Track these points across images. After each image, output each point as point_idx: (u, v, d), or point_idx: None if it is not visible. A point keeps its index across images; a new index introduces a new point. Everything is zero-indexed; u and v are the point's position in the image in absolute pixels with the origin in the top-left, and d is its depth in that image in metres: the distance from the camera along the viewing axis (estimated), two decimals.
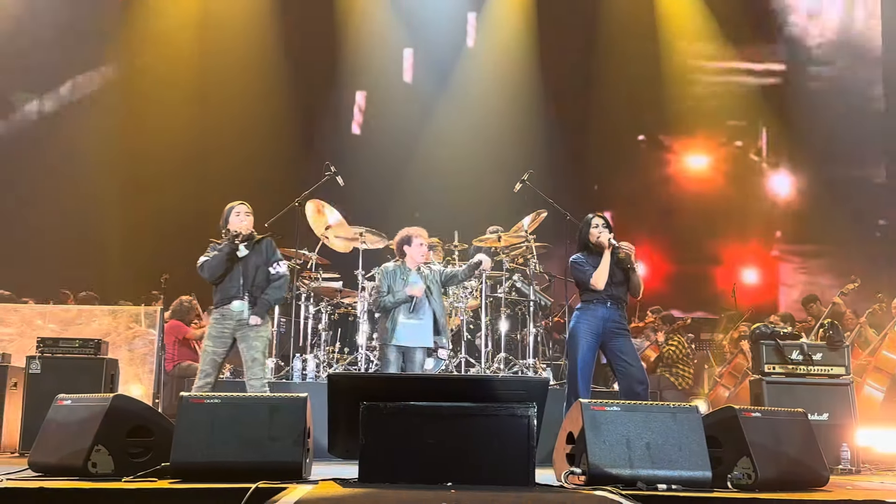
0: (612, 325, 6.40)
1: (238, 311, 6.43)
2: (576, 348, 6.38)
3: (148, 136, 12.69)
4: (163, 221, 11.95)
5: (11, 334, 8.71)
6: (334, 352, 8.67)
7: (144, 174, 12.39)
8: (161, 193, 12.32)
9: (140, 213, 12.03)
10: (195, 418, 4.58)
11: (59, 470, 4.68)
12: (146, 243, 11.51)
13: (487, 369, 8.24)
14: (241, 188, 11.16)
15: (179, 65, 13.03)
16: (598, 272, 6.39)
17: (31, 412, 7.06)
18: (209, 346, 6.42)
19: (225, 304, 6.46)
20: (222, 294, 6.49)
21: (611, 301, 6.43)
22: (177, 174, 12.48)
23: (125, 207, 12.00)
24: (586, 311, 6.44)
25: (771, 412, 5.07)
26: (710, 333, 11.55)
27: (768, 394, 6.80)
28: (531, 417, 4.49)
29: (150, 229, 11.82)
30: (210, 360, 6.39)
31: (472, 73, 13.70)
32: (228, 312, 6.45)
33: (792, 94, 13.52)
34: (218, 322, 6.45)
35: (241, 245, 6.48)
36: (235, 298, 6.44)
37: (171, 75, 12.99)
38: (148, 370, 8.57)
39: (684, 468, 4.48)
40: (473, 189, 12.27)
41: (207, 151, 12.86)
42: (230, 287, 6.47)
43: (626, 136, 14.03)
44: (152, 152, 12.62)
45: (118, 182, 12.12)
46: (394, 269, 7.19)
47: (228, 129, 12.93)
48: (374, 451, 4.44)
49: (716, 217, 13.40)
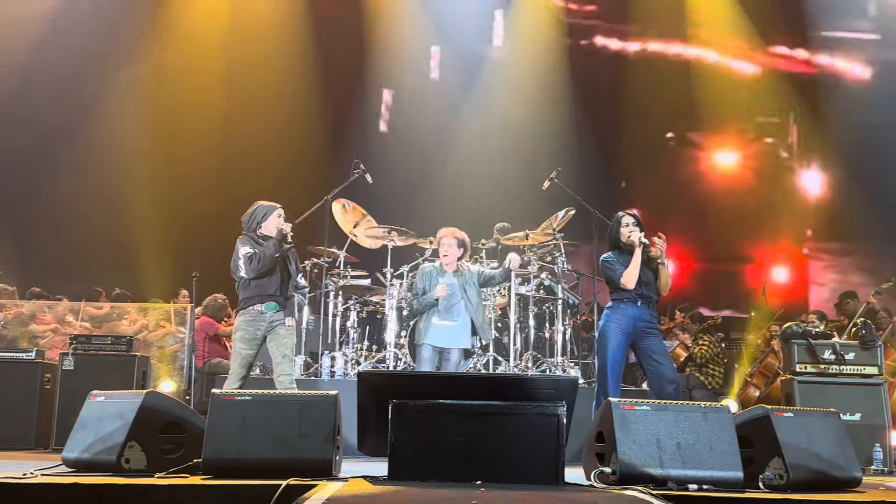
0: (642, 324, 6.37)
1: (273, 311, 6.44)
2: (606, 347, 6.36)
3: (178, 136, 12.78)
4: (193, 220, 12.03)
5: (45, 331, 8.83)
6: (362, 349, 8.70)
7: (175, 173, 12.46)
8: (191, 193, 12.40)
9: (170, 213, 12.11)
10: (226, 415, 4.62)
11: (93, 466, 4.73)
12: (177, 242, 11.59)
13: (515, 368, 8.24)
14: (269, 186, 11.24)
15: (208, 64, 13.10)
16: (629, 271, 6.36)
17: (64, 408, 7.17)
18: (243, 348, 6.42)
19: (258, 304, 6.44)
20: (259, 292, 6.44)
21: (641, 300, 6.40)
22: (207, 173, 12.57)
23: (156, 206, 12.07)
24: (616, 310, 6.41)
25: (803, 412, 5.03)
26: (740, 332, 11.45)
27: (800, 393, 6.75)
28: (560, 416, 4.48)
29: (180, 228, 11.91)
30: (244, 362, 6.42)
31: (499, 70, 13.67)
32: (262, 315, 6.43)
33: (823, 90, 13.37)
34: (249, 324, 6.43)
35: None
36: (272, 299, 6.46)
37: (199, 75, 13.05)
38: (178, 367, 8.66)
39: (715, 468, 4.45)
40: (501, 187, 12.24)
41: (236, 150, 12.94)
42: (268, 286, 6.46)
43: (654, 134, 13.93)
44: (182, 152, 12.71)
45: (149, 181, 12.20)
46: (430, 271, 7.22)
47: (257, 127, 12.99)
48: (403, 448, 4.45)
49: (745, 214, 13.28)
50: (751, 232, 13.32)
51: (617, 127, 13.35)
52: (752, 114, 13.83)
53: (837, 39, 13.55)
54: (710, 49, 13.66)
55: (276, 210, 6.61)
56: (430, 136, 13.23)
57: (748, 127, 13.91)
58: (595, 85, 13.49)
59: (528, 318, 8.72)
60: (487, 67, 13.78)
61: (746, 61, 13.75)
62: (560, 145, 12.58)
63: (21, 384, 7.56)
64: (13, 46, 12.17)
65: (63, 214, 12.08)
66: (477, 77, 13.69)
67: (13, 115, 12.41)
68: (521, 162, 12.34)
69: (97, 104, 12.95)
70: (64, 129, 12.92)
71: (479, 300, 7.25)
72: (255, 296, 6.45)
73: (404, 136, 13.46)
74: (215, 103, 13.02)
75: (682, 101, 13.47)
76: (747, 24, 13.36)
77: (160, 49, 13.07)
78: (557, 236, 8.70)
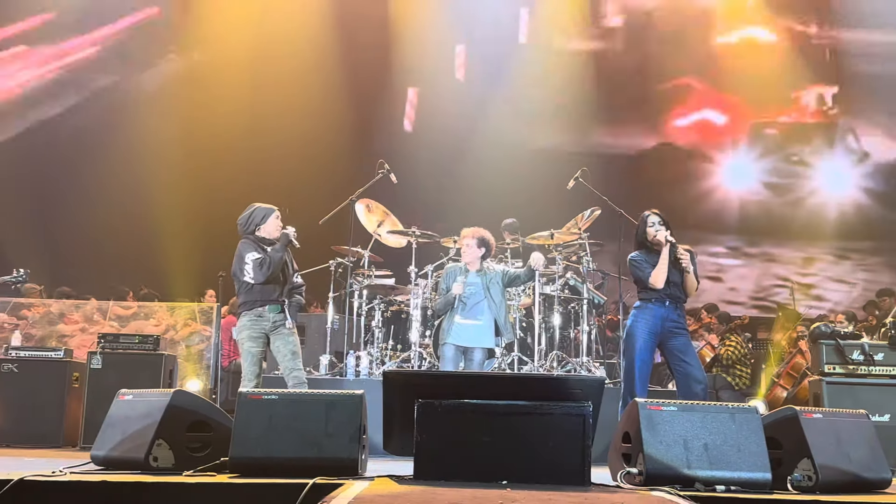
0: (670, 324, 6.33)
1: (276, 312, 6.47)
2: (633, 347, 6.32)
3: (204, 135, 12.87)
4: (218, 220, 12.09)
5: (73, 331, 8.92)
6: (387, 349, 8.71)
7: (201, 173, 12.57)
8: (216, 192, 12.47)
9: (197, 212, 12.20)
10: (253, 414, 4.64)
11: (121, 463, 4.76)
12: (203, 242, 11.66)
13: (540, 367, 8.21)
14: (294, 186, 11.32)
15: (234, 64, 13.19)
16: (657, 271, 6.33)
17: (92, 406, 7.24)
18: (252, 346, 6.45)
19: (263, 306, 6.47)
20: (263, 296, 6.47)
21: (669, 300, 6.36)
22: (231, 173, 12.64)
23: (182, 206, 12.17)
24: (644, 310, 6.38)
25: (832, 413, 4.97)
26: (766, 332, 11.36)
27: (828, 394, 6.68)
28: (587, 416, 4.46)
29: (206, 228, 11.98)
30: (255, 359, 6.47)
31: (525, 69, 13.62)
32: (265, 315, 6.47)
33: (855, 91, 13.24)
34: (255, 323, 6.47)
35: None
36: (276, 302, 6.49)
37: (226, 75, 13.15)
38: (205, 366, 8.72)
39: (743, 469, 4.41)
40: (526, 186, 12.21)
41: (261, 149, 13.01)
42: (273, 290, 6.50)
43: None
44: (207, 152, 12.80)
45: (176, 181, 12.29)
46: (453, 270, 7.22)
47: (282, 127, 13.06)
48: (429, 448, 4.45)
49: (771, 213, 13.18)
50: (778, 230, 13.21)
51: (644, 125, 13.29)
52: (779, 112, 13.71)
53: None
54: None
55: (275, 212, 6.63)
56: (454, 135, 13.23)
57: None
58: (621, 82, 13.43)
59: (553, 318, 8.69)
60: (512, 66, 13.74)
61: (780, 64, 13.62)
62: (586, 144, 12.53)
63: (50, 383, 7.65)
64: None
65: (91, 215, 12.19)
66: (502, 75, 13.67)
67: (42, 116, 12.56)
68: (545, 161, 12.30)
69: (125, 105, 13.08)
70: (92, 131, 13.06)
71: (503, 300, 7.22)
72: (258, 300, 6.48)
73: (429, 134, 13.47)
74: (241, 103, 13.11)
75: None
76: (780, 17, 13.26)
77: (187, 49, 13.16)
78: (583, 236, 8.66)
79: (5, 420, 7.48)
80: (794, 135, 13.84)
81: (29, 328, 8.90)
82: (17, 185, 12.19)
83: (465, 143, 13.22)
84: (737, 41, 13.71)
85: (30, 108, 13.05)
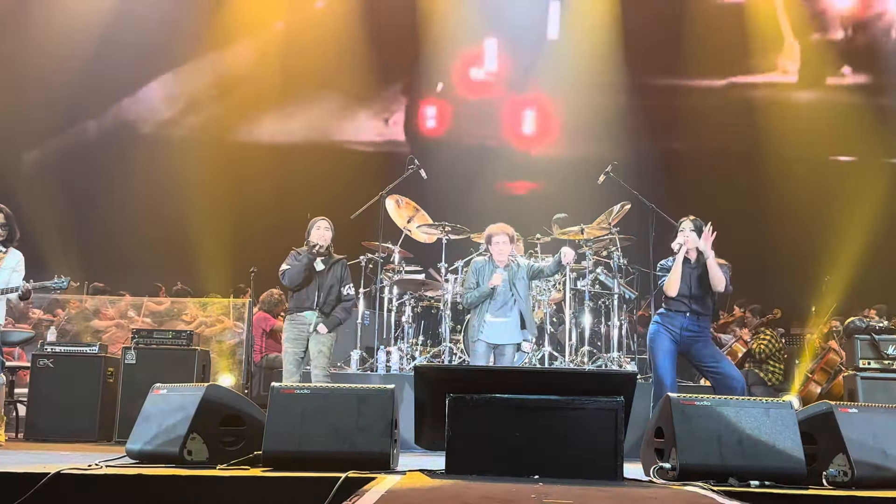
0: (688, 333, 6.23)
1: (309, 321, 6.83)
2: (655, 355, 6.28)
3: (236, 130, 12.96)
4: (250, 217, 12.19)
5: (108, 326, 9.02)
6: (417, 344, 8.73)
7: (233, 169, 12.64)
8: (248, 190, 12.56)
9: (229, 209, 12.29)
10: (286, 408, 4.67)
11: (156, 457, 4.81)
12: (235, 238, 11.74)
13: (571, 363, 8.19)
14: (324, 183, 11.36)
15: (264, 62, 13.27)
16: (669, 279, 6.23)
17: (126, 401, 7.31)
18: (290, 347, 6.86)
19: (298, 313, 6.88)
20: (297, 303, 6.93)
21: (690, 312, 6.25)
22: (263, 171, 12.70)
23: (215, 202, 12.25)
24: (665, 318, 6.32)
25: (868, 408, 4.92)
26: (800, 328, 11.24)
27: (863, 389, 6.63)
28: (619, 411, 4.45)
29: (238, 224, 12.06)
30: (293, 360, 6.85)
31: (555, 63, 13.53)
32: (301, 319, 6.85)
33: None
34: (294, 326, 6.89)
35: (318, 259, 6.89)
36: (308, 310, 6.85)
37: (255, 72, 13.23)
38: (237, 361, 8.78)
39: (778, 464, 4.38)
40: (557, 181, 12.17)
41: (291, 146, 13.08)
42: (305, 299, 6.90)
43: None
44: (239, 150, 12.90)
45: (208, 180, 12.38)
46: (483, 265, 7.22)
47: (311, 122, 13.11)
48: (460, 442, 4.46)
49: (805, 207, 13.01)
50: (811, 225, 13.04)
51: (675, 120, 13.17)
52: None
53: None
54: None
55: (318, 222, 7.04)
56: (482, 132, 13.22)
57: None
58: (653, 78, 13.33)
59: (583, 313, 8.66)
60: (543, 60, 13.67)
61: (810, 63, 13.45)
62: (617, 139, 12.42)
63: (85, 378, 7.71)
64: (74, 48, 12.43)
65: (127, 213, 12.30)
66: (532, 70, 13.61)
67: (76, 114, 12.70)
68: (576, 156, 12.25)
69: (156, 104, 13.20)
70: (125, 128, 13.19)
71: (528, 294, 7.25)
72: (294, 305, 6.95)
73: (457, 130, 13.46)
74: (270, 101, 13.17)
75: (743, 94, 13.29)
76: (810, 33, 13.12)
77: (218, 48, 13.24)
78: (613, 231, 8.62)
79: (41, 415, 7.58)
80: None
81: (64, 324, 9.01)
82: (51, 187, 12.33)
83: (493, 138, 13.20)
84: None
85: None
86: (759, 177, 12.53)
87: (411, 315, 8.74)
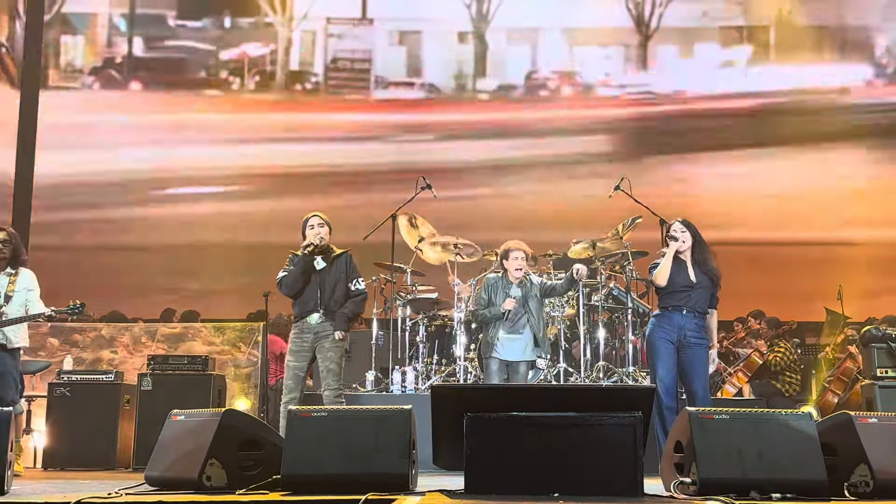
0: (688, 333, 6.20)
1: (316, 323, 6.53)
2: (654, 358, 6.25)
3: (248, 155, 13.05)
4: (265, 238, 12.21)
5: (123, 353, 9.04)
6: (432, 363, 8.72)
7: (246, 193, 12.70)
8: (261, 211, 12.60)
9: (243, 232, 12.33)
10: (303, 432, 4.67)
11: (175, 483, 4.80)
12: (249, 261, 11.77)
13: (586, 378, 8.17)
14: (337, 203, 11.40)
15: (269, 83, 13.40)
16: (659, 269, 6.22)
17: (143, 428, 7.31)
18: (291, 360, 6.55)
19: (303, 318, 6.57)
20: (301, 308, 6.60)
21: (686, 309, 6.22)
22: (275, 191, 12.76)
23: (228, 226, 12.30)
24: (662, 318, 6.28)
25: (888, 417, 4.88)
26: (815, 338, 11.17)
27: (881, 399, 6.60)
28: (637, 426, 4.44)
29: (252, 247, 12.08)
30: (293, 374, 6.51)
31: None
32: (307, 326, 6.55)
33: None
34: (297, 336, 6.57)
35: (318, 257, 6.58)
36: (313, 312, 6.55)
37: (263, 93, 13.37)
38: (252, 385, 8.78)
39: (799, 476, 4.35)
40: (568, 196, 12.17)
41: (304, 167, 13.14)
42: (308, 301, 6.58)
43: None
44: (251, 169, 12.97)
45: (221, 201, 12.43)
46: (496, 282, 7.22)
47: (322, 141, 13.20)
48: (479, 461, 4.45)
49: (818, 216, 12.98)
50: (824, 234, 12.99)
51: (688, 135, 13.18)
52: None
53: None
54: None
55: (310, 220, 6.68)
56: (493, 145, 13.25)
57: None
58: (665, 90, 13.36)
59: (597, 329, 8.64)
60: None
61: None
62: (629, 154, 12.44)
63: (102, 405, 7.73)
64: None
65: (138, 236, 12.36)
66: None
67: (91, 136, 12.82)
68: (587, 172, 12.25)
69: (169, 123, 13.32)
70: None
71: (541, 311, 7.24)
72: (296, 313, 6.66)
73: (467, 145, 13.48)
74: (278, 122, 13.29)
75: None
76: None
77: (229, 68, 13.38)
78: (625, 245, 8.62)
79: (59, 443, 7.60)
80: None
81: (80, 352, 9.03)
82: (63, 214, 12.42)
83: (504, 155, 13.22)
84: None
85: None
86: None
87: (425, 334, 8.75)
